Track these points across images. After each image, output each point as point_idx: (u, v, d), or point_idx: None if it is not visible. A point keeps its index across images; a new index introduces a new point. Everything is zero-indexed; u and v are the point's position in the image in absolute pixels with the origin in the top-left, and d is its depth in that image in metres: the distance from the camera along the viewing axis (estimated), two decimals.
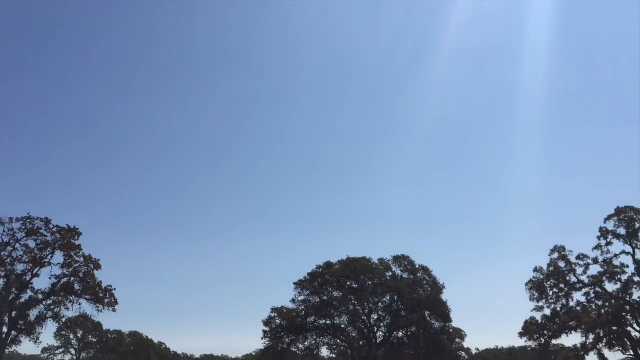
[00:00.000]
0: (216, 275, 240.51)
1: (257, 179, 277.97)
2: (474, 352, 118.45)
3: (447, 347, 75.25)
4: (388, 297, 73.35)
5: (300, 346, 74.59)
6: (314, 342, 74.82)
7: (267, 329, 73.40)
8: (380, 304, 74.16)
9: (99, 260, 62.82)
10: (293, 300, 74.05)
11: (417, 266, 74.69)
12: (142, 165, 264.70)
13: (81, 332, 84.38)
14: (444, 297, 73.68)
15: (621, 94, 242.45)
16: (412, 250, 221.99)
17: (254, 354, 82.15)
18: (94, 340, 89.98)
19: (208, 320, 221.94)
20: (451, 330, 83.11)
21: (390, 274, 74.57)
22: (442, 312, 72.25)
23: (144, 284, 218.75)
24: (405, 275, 74.48)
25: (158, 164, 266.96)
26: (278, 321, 74.06)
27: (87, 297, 61.94)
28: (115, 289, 63.06)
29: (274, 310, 75.30)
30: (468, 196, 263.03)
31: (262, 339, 73.59)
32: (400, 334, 75.50)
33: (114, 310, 62.72)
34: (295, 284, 73.84)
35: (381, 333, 75.54)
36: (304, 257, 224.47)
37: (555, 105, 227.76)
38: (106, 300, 62.35)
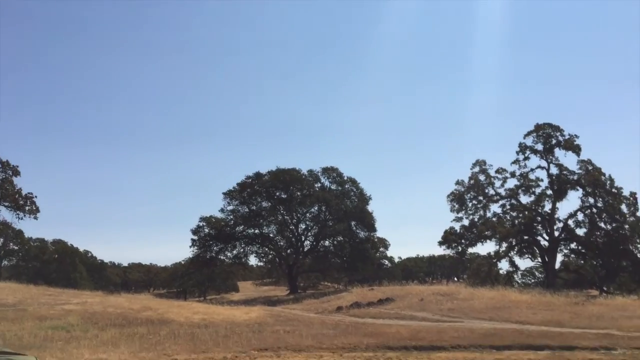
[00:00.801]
0: (144, 185, 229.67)
1: (184, 87, 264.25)
2: (396, 260, 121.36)
3: (371, 255, 75.48)
4: (316, 208, 72.06)
5: (229, 254, 73.25)
6: (242, 250, 73.52)
7: (195, 237, 71.24)
8: (308, 214, 72.91)
9: (17, 166, 58.59)
10: (222, 210, 71.82)
11: (345, 178, 73.29)
12: (66, 70, 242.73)
13: (1, 239, 79.96)
14: (369, 208, 73.20)
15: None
16: (341, 163, 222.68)
17: (182, 262, 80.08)
18: (16, 248, 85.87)
19: (136, 229, 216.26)
20: (375, 240, 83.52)
21: (319, 185, 73.14)
22: (368, 222, 71.82)
23: (69, 194, 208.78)
24: (333, 187, 73.08)
25: (81, 69, 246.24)
26: (207, 230, 71.87)
27: (6, 204, 58.03)
28: (36, 196, 59.30)
29: (202, 219, 72.95)
30: (397, 111, 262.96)
31: (190, 247, 71.76)
32: (327, 242, 74.95)
33: (35, 218, 59.19)
34: (224, 194, 71.28)
35: (308, 242, 74.74)
36: (233, 168, 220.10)
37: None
38: (27, 208, 58.63)
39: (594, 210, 61.07)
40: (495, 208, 66.32)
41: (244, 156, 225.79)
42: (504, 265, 67.84)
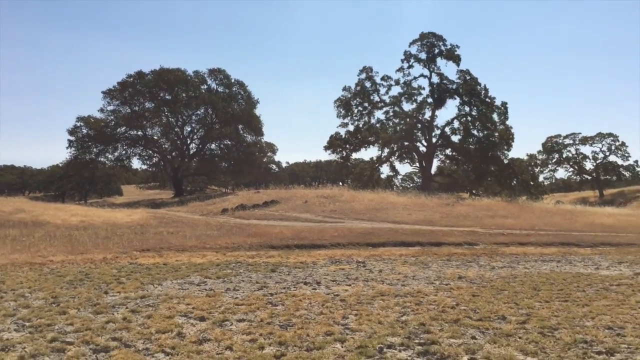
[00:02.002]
0: (16, 82, 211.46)
1: None
2: (284, 165, 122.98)
3: (258, 159, 75.80)
4: (202, 110, 69.85)
5: (110, 157, 70.05)
6: (124, 152, 70.46)
7: (72, 138, 66.69)
8: (194, 116, 70.62)
9: None
10: (102, 110, 67.38)
11: (233, 80, 71.35)
12: None
13: None
14: (257, 112, 72.49)
15: None
16: (229, 65, 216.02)
17: (60, 164, 75.54)
18: None
19: (8, 130, 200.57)
20: (263, 144, 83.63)
21: (205, 87, 70.76)
22: (255, 126, 71.21)
23: None
24: (220, 89, 71.06)
25: None
26: (85, 131, 67.37)
27: None
28: None
29: (80, 119, 67.76)
30: (286, 14, 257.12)
31: (67, 148, 67.22)
32: (213, 146, 73.90)
33: None
34: (104, 93, 66.75)
35: (194, 145, 73.08)
36: (113, 66, 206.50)
37: None
38: None
39: (469, 118, 64.46)
40: (379, 114, 68.08)
41: (125, 54, 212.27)
42: (385, 170, 70.87)
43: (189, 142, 71.98)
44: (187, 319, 8.43)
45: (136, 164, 75.89)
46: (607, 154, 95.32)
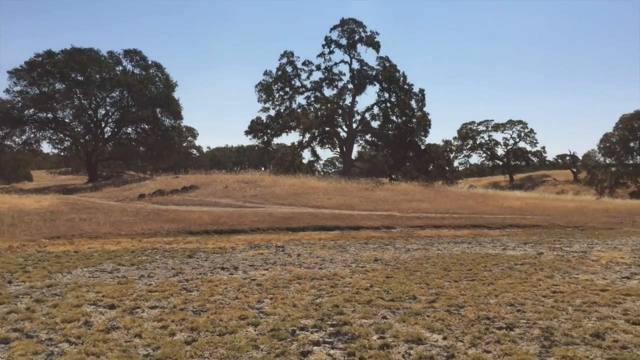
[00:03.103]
0: None
1: None
2: (205, 149, 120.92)
3: (177, 144, 74.09)
4: (117, 92, 67.06)
5: (17, 140, 66.28)
6: (32, 136, 66.83)
7: None
8: (108, 98, 67.69)
9: None
10: (7, 91, 63.21)
11: (150, 62, 69.01)
12: None
13: None
14: (176, 95, 70.61)
15: None
16: (145, 45, 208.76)
17: None
18: None
19: None
20: (183, 128, 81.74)
21: (121, 68, 68.08)
22: (174, 109, 69.21)
23: None
24: (136, 71, 68.63)
25: None
26: None
27: None
28: None
29: None
30: None
31: None
32: (130, 130, 71.38)
33: None
34: (9, 72, 62.86)
35: (109, 128, 70.28)
36: (20, 43, 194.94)
37: None
38: None
39: (388, 104, 65.80)
40: (300, 100, 68.29)
41: (33, 31, 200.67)
42: (307, 155, 71.37)
43: (103, 125, 69.12)
44: (95, 308, 8.17)
45: (47, 148, 72.21)
46: (517, 140, 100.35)
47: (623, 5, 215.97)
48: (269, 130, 67.31)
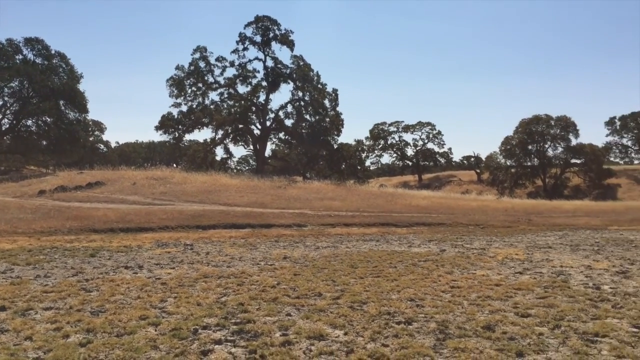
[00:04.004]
0: None
1: None
2: (113, 145, 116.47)
3: (82, 138, 70.86)
4: (17, 82, 63.52)
5: None
6: None
7: None
8: (6, 89, 64.00)
9: None
10: None
11: (53, 52, 65.68)
12: None
13: None
14: (81, 87, 67.53)
15: None
16: (49, 34, 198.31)
17: None
18: None
19: None
20: (89, 122, 78.25)
21: (21, 57, 64.23)
22: (79, 102, 66.10)
23: None
24: (38, 61, 65.12)
25: None
26: None
27: None
28: None
29: None
30: None
31: None
32: (30, 122, 67.53)
33: None
34: None
35: (7, 120, 66.36)
36: None
37: None
38: None
39: (302, 103, 66.21)
40: (213, 96, 67.39)
41: None
42: (219, 152, 70.42)
43: (0, 117, 64.99)
44: None
45: None
46: (426, 141, 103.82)
47: (518, 13, 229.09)
48: (180, 126, 65.92)
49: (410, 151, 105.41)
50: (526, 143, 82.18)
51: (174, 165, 78.55)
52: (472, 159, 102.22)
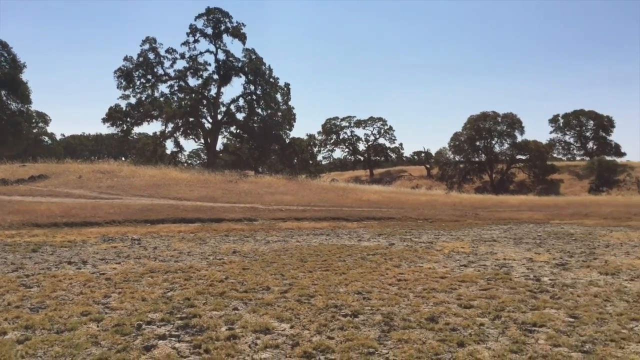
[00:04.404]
0: None
1: None
2: (58, 137, 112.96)
3: (25, 129, 68.45)
4: None
5: None
6: None
7: None
8: None
9: None
10: None
11: None
12: None
13: None
14: (24, 77, 65.21)
15: None
16: None
17: None
18: None
19: None
20: (32, 113, 75.69)
21: None
22: (21, 92, 63.87)
23: None
24: None
25: None
26: None
27: None
28: None
29: None
30: None
31: None
32: None
33: None
34: None
35: None
36: None
37: None
38: None
39: (254, 97, 65.81)
40: (163, 88, 66.27)
41: None
42: (169, 146, 69.30)
43: None
44: None
45: None
46: (377, 136, 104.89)
47: (467, 12, 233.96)
48: (129, 119, 64.52)
49: (362, 146, 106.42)
50: (474, 139, 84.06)
51: (123, 158, 76.92)
52: (423, 155, 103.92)
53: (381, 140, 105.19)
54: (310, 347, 5.63)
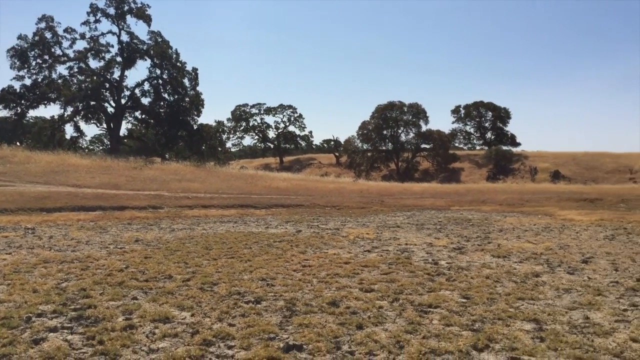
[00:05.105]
0: None
1: None
2: None
3: None
4: None
5: None
6: None
7: None
8: None
9: None
10: None
11: None
12: None
13: None
14: None
15: None
16: None
17: None
18: None
19: None
20: None
21: None
22: None
23: None
24: None
25: None
26: None
27: None
28: None
29: None
30: None
31: None
32: None
33: None
34: None
35: None
36: None
37: None
38: None
39: (160, 81, 63.87)
40: (62, 70, 62.86)
41: None
42: (69, 130, 65.91)
43: None
44: None
45: None
46: (287, 124, 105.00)
47: (378, 1, 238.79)
48: (23, 101, 60.70)
49: (272, 133, 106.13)
50: (381, 128, 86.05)
51: (17, 143, 72.34)
52: (332, 143, 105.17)
53: (291, 128, 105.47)
54: (210, 335, 5.57)
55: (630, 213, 23.76)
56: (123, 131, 67.59)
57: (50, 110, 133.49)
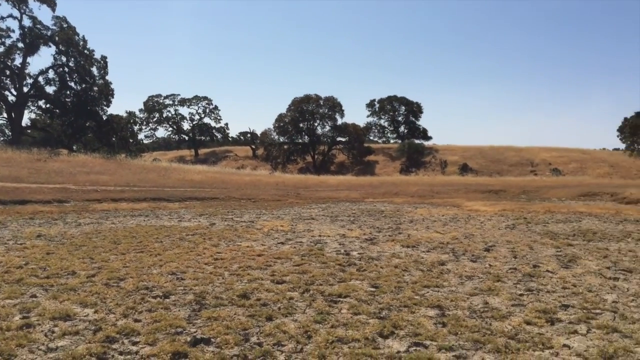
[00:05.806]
0: None
1: None
2: None
3: None
4: None
5: None
6: None
7: None
8: None
9: None
10: None
11: None
12: None
13: None
14: None
15: None
16: None
17: None
18: None
19: None
20: None
21: None
22: None
23: None
24: None
25: None
26: None
27: None
28: None
29: None
30: None
31: None
32: None
33: None
34: None
35: None
36: None
37: None
38: None
39: (66, 69, 60.88)
40: None
41: None
42: None
43: None
44: None
45: None
46: (202, 116, 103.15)
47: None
48: None
49: (186, 125, 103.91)
50: (298, 121, 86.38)
51: None
52: (248, 135, 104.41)
53: (206, 120, 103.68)
54: (114, 331, 5.40)
55: (530, 203, 25.22)
56: (26, 121, 64.11)
57: None
